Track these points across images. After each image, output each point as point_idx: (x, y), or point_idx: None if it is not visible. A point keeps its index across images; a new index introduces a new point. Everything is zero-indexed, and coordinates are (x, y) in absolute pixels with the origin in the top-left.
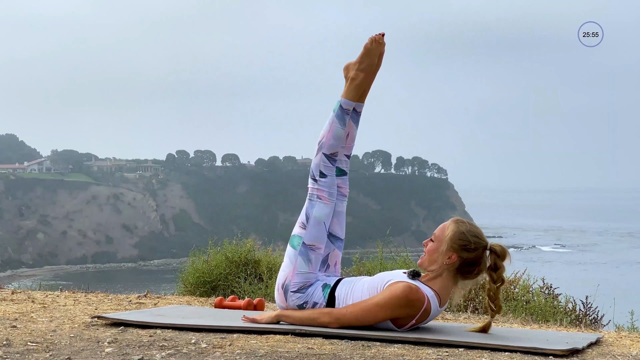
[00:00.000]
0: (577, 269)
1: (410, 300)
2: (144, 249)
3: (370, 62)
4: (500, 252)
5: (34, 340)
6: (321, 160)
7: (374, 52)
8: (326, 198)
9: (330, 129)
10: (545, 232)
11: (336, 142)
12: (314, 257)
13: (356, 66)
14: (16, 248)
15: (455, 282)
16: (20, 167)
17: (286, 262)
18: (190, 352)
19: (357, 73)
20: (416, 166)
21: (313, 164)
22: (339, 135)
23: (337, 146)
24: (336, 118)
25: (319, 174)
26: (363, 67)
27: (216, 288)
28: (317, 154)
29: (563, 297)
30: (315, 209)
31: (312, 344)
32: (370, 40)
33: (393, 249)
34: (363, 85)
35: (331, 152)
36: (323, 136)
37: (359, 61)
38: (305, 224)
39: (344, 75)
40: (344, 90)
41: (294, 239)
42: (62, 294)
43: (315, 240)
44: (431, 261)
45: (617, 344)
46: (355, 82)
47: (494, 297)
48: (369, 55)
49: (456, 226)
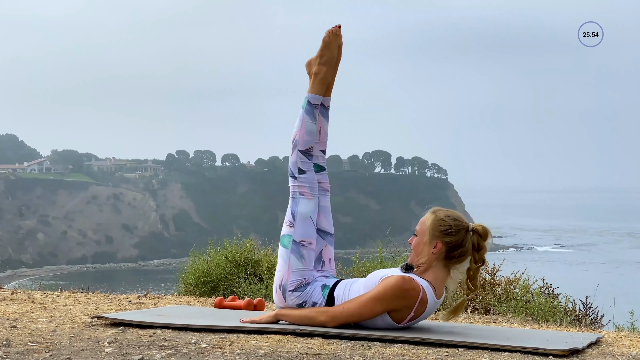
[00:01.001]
0: (577, 269)
1: (405, 290)
2: (144, 249)
3: (330, 54)
4: (482, 231)
5: (34, 340)
6: (297, 157)
7: (332, 45)
8: (308, 193)
9: (302, 125)
10: (545, 232)
11: (310, 137)
12: (307, 253)
13: (317, 60)
14: (16, 248)
15: (447, 270)
16: (20, 167)
17: (280, 263)
18: (190, 352)
19: (319, 67)
20: (416, 166)
21: (290, 162)
22: (312, 130)
23: (311, 141)
24: (306, 114)
25: (298, 170)
26: (324, 60)
27: (216, 288)
28: (293, 152)
29: (563, 297)
30: (300, 206)
31: (312, 343)
32: (327, 33)
33: (393, 249)
34: (327, 79)
35: (306, 147)
36: (296, 134)
37: (319, 55)
38: (292, 222)
39: (307, 72)
40: (310, 86)
41: (284, 239)
42: (62, 294)
43: (305, 236)
44: (418, 254)
45: (617, 344)
46: (319, 76)
47: (473, 276)
48: (328, 48)
49: (434, 215)
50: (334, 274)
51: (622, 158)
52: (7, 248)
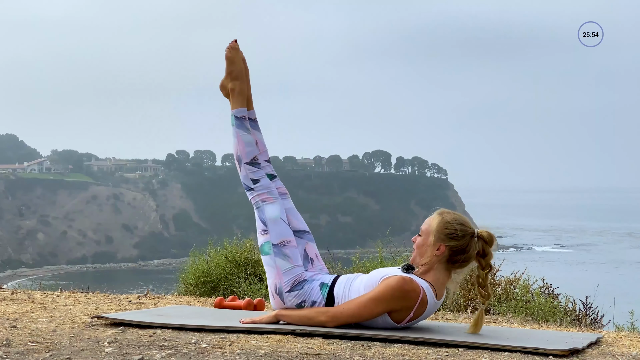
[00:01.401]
0: (577, 269)
1: (405, 291)
2: (144, 249)
3: (237, 68)
4: (487, 238)
5: (34, 340)
6: (246, 170)
7: (235, 59)
8: (270, 198)
9: (238, 140)
10: (545, 232)
11: (250, 148)
12: (290, 251)
13: (228, 77)
14: (16, 248)
15: (448, 273)
16: (20, 167)
17: (269, 270)
18: (190, 352)
19: (233, 83)
20: (416, 166)
21: (242, 177)
22: (249, 141)
23: (253, 152)
24: (238, 129)
25: (251, 181)
26: (234, 75)
27: (216, 288)
28: (240, 168)
29: (563, 297)
30: (266, 211)
31: (312, 343)
32: (228, 49)
33: (393, 249)
34: (243, 92)
35: (251, 158)
36: (236, 150)
37: (228, 73)
38: (265, 229)
39: (224, 94)
40: (231, 103)
41: (264, 247)
42: (62, 294)
43: (282, 236)
44: (421, 255)
45: (617, 344)
46: (235, 91)
47: (483, 283)
48: (233, 63)
49: (441, 217)
50: (325, 268)
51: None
52: (7, 248)
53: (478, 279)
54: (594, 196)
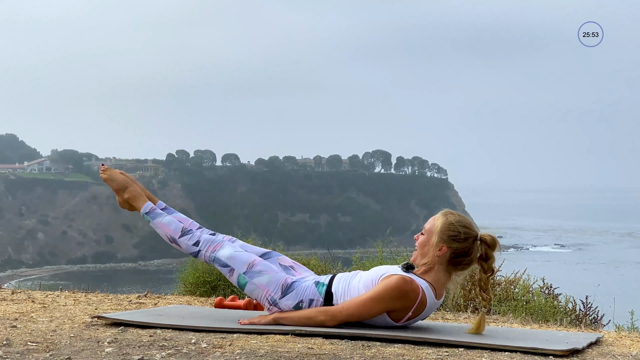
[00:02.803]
0: (577, 269)
1: (405, 291)
2: (144, 249)
3: (120, 181)
4: (490, 242)
5: (34, 340)
6: (183, 244)
7: (112, 176)
8: (216, 246)
9: (161, 227)
10: (545, 232)
11: (174, 225)
12: (262, 266)
13: (119, 193)
14: (16, 248)
15: (449, 274)
16: (20, 167)
17: (256, 294)
18: (190, 352)
19: (125, 193)
20: (416, 166)
21: (184, 250)
22: (169, 221)
23: (178, 226)
24: (153, 220)
25: (193, 246)
26: (120, 187)
27: (216, 288)
28: (178, 245)
29: (563, 297)
30: (221, 256)
31: (312, 343)
32: (101, 174)
33: (393, 249)
34: (137, 192)
35: (181, 231)
36: (165, 235)
37: (115, 190)
38: (229, 267)
39: (128, 209)
40: (137, 208)
41: (239, 281)
42: (62, 294)
43: (245, 262)
44: (423, 254)
45: (617, 344)
46: (131, 196)
47: (485, 287)
48: (112, 180)
49: (445, 218)
50: (309, 270)
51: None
52: (7, 248)
53: (480, 282)
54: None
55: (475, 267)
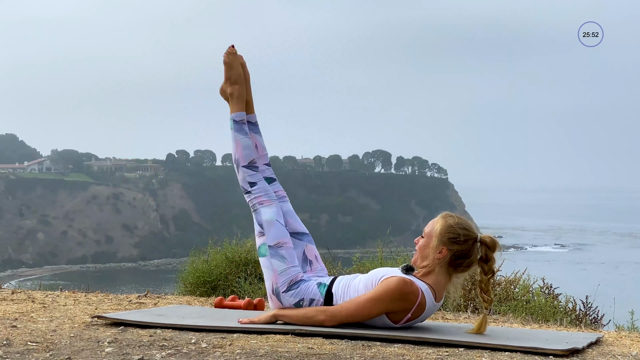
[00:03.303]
0: (577, 268)
1: (405, 293)
2: (144, 249)
3: (236, 73)
4: (490, 243)
5: (34, 340)
6: (244, 173)
7: (234, 64)
8: (267, 201)
9: (237, 143)
10: (545, 232)
11: (248, 151)
12: (286, 252)
13: (227, 83)
14: (16, 248)
15: (449, 276)
16: (20, 167)
17: (266, 272)
18: (190, 352)
19: (232, 88)
20: (416, 166)
21: (240, 180)
22: (247, 144)
23: (251, 155)
24: (236, 132)
25: (249, 184)
26: (233, 80)
27: (216, 288)
28: (238, 170)
29: (563, 297)
30: (263, 214)
31: (312, 343)
32: (225, 55)
33: (393, 248)
34: (242, 96)
35: (248, 161)
36: (234, 153)
37: (227, 78)
38: (262, 231)
39: (224, 98)
40: (230, 107)
41: (261, 249)
42: (62, 294)
43: (278, 238)
44: (423, 257)
45: (617, 344)
46: (234, 95)
47: (485, 288)
48: (231, 68)
49: (444, 220)
50: (325, 269)
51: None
52: (7, 248)
53: (480, 284)
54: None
55: (475, 268)
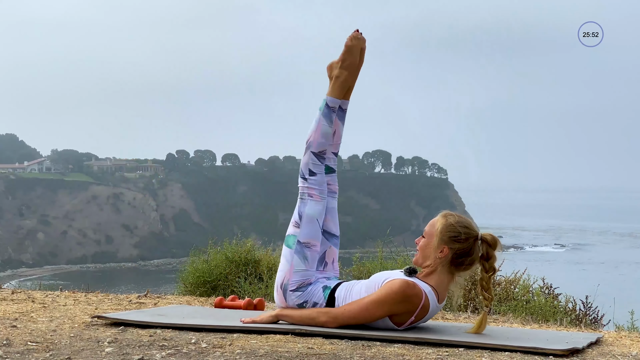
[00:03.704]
0: (577, 268)
1: (408, 295)
2: (144, 249)
3: (353, 59)
4: (491, 241)
5: (34, 340)
6: (310, 158)
7: (355, 49)
8: (317, 195)
9: (318, 127)
10: (545, 232)
11: (324, 140)
12: (310, 255)
13: (339, 64)
14: (16, 248)
15: (451, 275)
16: (20, 167)
17: (283, 262)
18: (190, 352)
19: (340, 71)
20: (416, 166)
21: (302, 162)
22: (327, 133)
23: (325, 144)
24: (323, 117)
25: (309, 172)
26: (346, 64)
27: (216, 288)
28: (306, 153)
29: (563, 297)
30: (308, 207)
31: (312, 343)
32: (350, 38)
33: (393, 248)
34: (347, 82)
35: (320, 150)
36: (311, 135)
37: (341, 59)
38: (298, 222)
39: (327, 74)
40: (330, 89)
41: (289, 239)
42: (62, 294)
43: (310, 237)
44: (424, 257)
45: (617, 344)
46: (339, 79)
47: (486, 286)
48: (350, 53)
49: (445, 219)
50: (337, 275)
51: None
52: (7, 248)
53: (482, 282)
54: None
55: (477, 267)
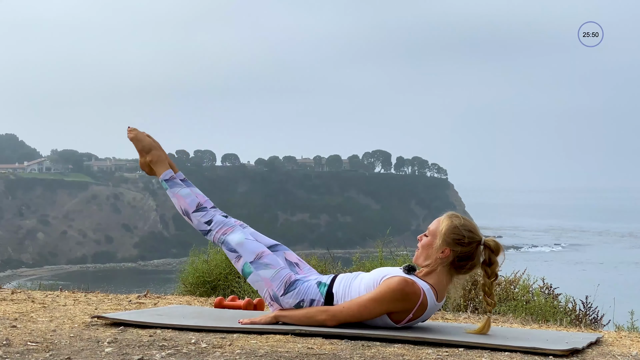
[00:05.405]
0: (577, 269)
1: (406, 293)
2: (144, 249)
3: (145, 143)
4: (494, 247)
5: (34, 340)
6: (196, 218)
7: (138, 137)
8: (228, 229)
9: (177, 197)
10: (545, 232)
11: (191, 198)
12: (269, 259)
13: (142, 154)
14: (16, 248)
15: (450, 277)
16: (20, 167)
17: (258, 287)
18: (190, 352)
19: (149, 155)
20: (416, 166)
21: (195, 227)
22: (186, 193)
23: (195, 200)
24: (171, 188)
25: (205, 224)
26: (146, 150)
27: (216, 288)
28: (191, 219)
29: (563, 297)
30: (230, 240)
31: (312, 343)
32: (127, 134)
33: (393, 248)
34: (161, 159)
35: (196, 206)
36: (179, 207)
37: (139, 149)
38: (237, 254)
39: (147, 172)
40: (156, 173)
41: (244, 269)
42: (62, 294)
43: (254, 251)
44: (426, 256)
45: (617, 344)
46: (154, 161)
47: (489, 292)
48: (138, 141)
49: (450, 220)
50: (313, 269)
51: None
52: (7, 248)
53: (484, 287)
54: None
55: (478, 271)
